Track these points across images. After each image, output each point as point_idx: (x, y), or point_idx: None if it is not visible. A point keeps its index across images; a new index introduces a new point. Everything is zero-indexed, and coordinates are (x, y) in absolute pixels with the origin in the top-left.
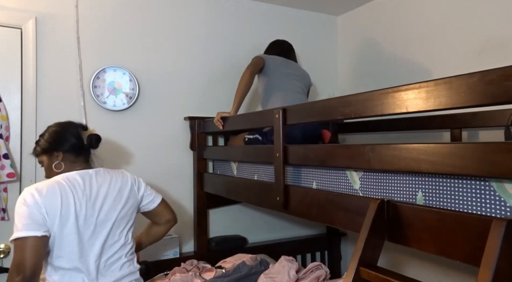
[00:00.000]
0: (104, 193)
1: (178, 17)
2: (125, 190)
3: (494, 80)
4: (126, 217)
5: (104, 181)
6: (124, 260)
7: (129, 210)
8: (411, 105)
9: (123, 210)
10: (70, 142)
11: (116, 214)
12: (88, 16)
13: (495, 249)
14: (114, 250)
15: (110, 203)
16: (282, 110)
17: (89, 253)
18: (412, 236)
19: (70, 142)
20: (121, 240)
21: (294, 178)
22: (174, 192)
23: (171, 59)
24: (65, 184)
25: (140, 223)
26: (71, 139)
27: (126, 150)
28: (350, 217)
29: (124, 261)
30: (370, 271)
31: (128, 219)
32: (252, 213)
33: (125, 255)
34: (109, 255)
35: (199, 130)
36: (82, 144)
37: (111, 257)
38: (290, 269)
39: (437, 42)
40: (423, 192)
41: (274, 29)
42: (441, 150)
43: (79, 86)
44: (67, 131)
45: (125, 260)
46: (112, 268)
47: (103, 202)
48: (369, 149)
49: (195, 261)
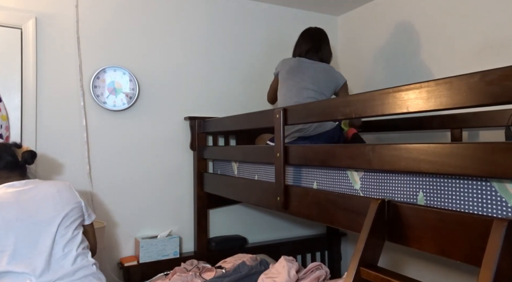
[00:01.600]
0: (36, 195)
1: (178, 17)
2: (66, 193)
3: (495, 80)
4: (71, 214)
5: (37, 186)
6: (74, 254)
7: (73, 210)
8: (412, 105)
9: (66, 207)
10: (4, 160)
11: (59, 211)
12: (88, 16)
13: (496, 249)
14: (62, 245)
15: (48, 203)
16: (283, 110)
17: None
18: (413, 236)
19: (4, 160)
20: (67, 235)
21: (294, 178)
22: (174, 192)
23: (171, 59)
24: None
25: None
26: (5, 157)
27: (126, 150)
28: (351, 217)
29: (74, 254)
30: (370, 271)
31: (73, 216)
32: (252, 213)
33: (76, 249)
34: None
35: (199, 130)
36: (17, 160)
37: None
38: (290, 269)
39: (437, 42)
40: (424, 192)
41: (274, 29)
42: (441, 150)
43: (79, 86)
44: (1, 150)
45: (76, 253)
46: (62, 263)
47: (38, 204)
48: (370, 149)
49: (195, 261)
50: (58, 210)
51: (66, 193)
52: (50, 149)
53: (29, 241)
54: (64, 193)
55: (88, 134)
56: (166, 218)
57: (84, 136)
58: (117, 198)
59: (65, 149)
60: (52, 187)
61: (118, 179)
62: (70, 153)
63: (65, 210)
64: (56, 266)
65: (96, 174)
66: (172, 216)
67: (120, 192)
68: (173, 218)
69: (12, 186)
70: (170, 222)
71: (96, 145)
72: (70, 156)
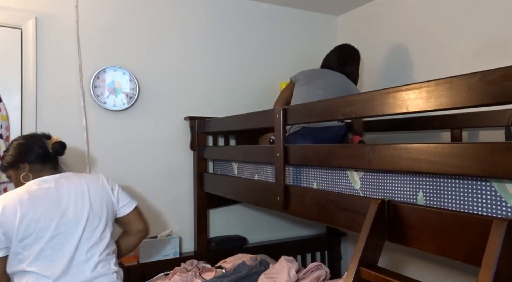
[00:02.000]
0: (68, 193)
1: (178, 17)
2: (95, 189)
3: (495, 80)
4: (98, 215)
5: (69, 182)
6: (96, 260)
7: (102, 208)
8: (412, 105)
9: (95, 208)
10: (35, 152)
11: (87, 212)
12: (88, 16)
13: (496, 249)
14: (86, 249)
15: (77, 203)
16: (283, 110)
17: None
18: (413, 236)
19: (35, 153)
20: (93, 238)
21: (294, 178)
22: (174, 192)
23: (171, 59)
24: (27, 192)
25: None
26: (36, 150)
27: (126, 150)
28: (351, 217)
29: (96, 260)
30: (370, 271)
31: (100, 217)
32: (252, 213)
33: (99, 255)
34: (80, 254)
35: (199, 130)
36: (47, 152)
37: (82, 256)
38: (290, 269)
39: (437, 42)
40: (423, 192)
41: (274, 29)
42: (441, 150)
43: (79, 86)
44: (31, 142)
45: (98, 260)
46: (83, 268)
47: (68, 203)
48: (370, 149)
49: (195, 261)
50: (85, 211)
51: (95, 189)
52: None
53: (56, 242)
54: (94, 190)
55: (88, 134)
56: (166, 218)
57: (84, 136)
58: None
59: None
60: (82, 183)
61: (118, 179)
62: (70, 153)
63: (93, 210)
64: (76, 270)
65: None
66: (172, 216)
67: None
68: (173, 218)
69: (45, 181)
70: (170, 222)
71: (96, 145)
72: (70, 156)
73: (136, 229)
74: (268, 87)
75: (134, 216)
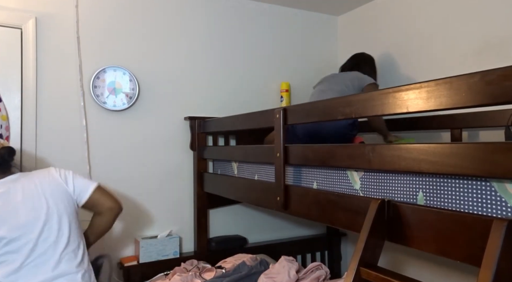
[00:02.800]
0: (17, 197)
1: (178, 17)
2: (46, 185)
3: (494, 80)
4: (54, 212)
5: (18, 185)
6: (56, 258)
7: (57, 204)
8: (412, 105)
9: (50, 205)
10: None
11: (42, 213)
12: (88, 16)
13: (496, 249)
14: (43, 250)
15: (28, 205)
16: (283, 110)
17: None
18: (413, 236)
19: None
20: (51, 237)
21: (294, 178)
22: (174, 192)
23: (171, 59)
24: None
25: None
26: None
27: (126, 150)
28: (351, 217)
29: (56, 259)
30: (370, 271)
31: (56, 214)
32: (252, 213)
33: (60, 253)
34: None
35: (199, 130)
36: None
37: (40, 258)
38: (290, 269)
39: (437, 42)
40: (423, 192)
41: (274, 29)
42: (441, 150)
43: (79, 86)
44: None
45: (58, 258)
46: (42, 268)
47: (19, 207)
48: (370, 149)
49: (195, 261)
50: (40, 211)
51: (46, 186)
52: (50, 149)
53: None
54: (45, 187)
55: (88, 134)
56: (166, 218)
57: (84, 136)
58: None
59: (65, 149)
60: (31, 183)
61: (118, 179)
62: (70, 153)
63: (48, 209)
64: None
65: (96, 174)
66: (172, 216)
67: (120, 192)
68: (173, 218)
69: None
70: (170, 222)
71: (96, 145)
72: (70, 156)
73: (105, 207)
74: (268, 87)
75: (98, 196)
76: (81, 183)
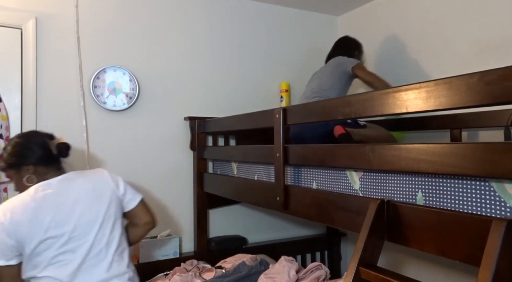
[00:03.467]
0: (75, 197)
1: (178, 17)
2: (101, 188)
3: (494, 80)
4: (107, 214)
5: (74, 184)
6: (109, 260)
7: (110, 206)
8: (411, 105)
9: (104, 207)
10: (37, 154)
11: (98, 214)
12: (88, 16)
13: (495, 249)
14: (97, 250)
15: (86, 205)
16: (283, 110)
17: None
18: (412, 236)
19: (37, 154)
20: (104, 239)
21: (294, 178)
22: (174, 192)
23: (171, 59)
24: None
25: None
26: (37, 151)
27: (126, 150)
28: (350, 217)
29: (109, 260)
30: (370, 271)
31: (110, 216)
32: (252, 213)
33: (112, 254)
34: (92, 256)
35: (199, 130)
36: (51, 154)
37: (94, 258)
38: (290, 269)
39: (437, 42)
40: (423, 192)
41: (274, 29)
42: (441, 150)
43: (79, 86)
44: (31, 142)
45: (111, 259)
46: (96, 269)
47: (77, 207)
48: (369, 149)
49: (195, 261)
50: (96, 212)
51: (101, 188)
52: None
53: (68, 247)
54: (100, 189)
55: (88, 134)
56: (166, 218)
57: (84, 136)
58: None
59: None
60: (87, 184)
61: None
62: (70, 153)
63: (102, 211)
64: (89, 272)
65: None
66: (172, 216)
67: None
68: (173, 218)
69: (49, 185)
70: (170, 222)
71: (96, 145)
72: (70, 156)
73: (143, 221)
74: (268, 87)
75: (141, 209)
76: (130, 192)
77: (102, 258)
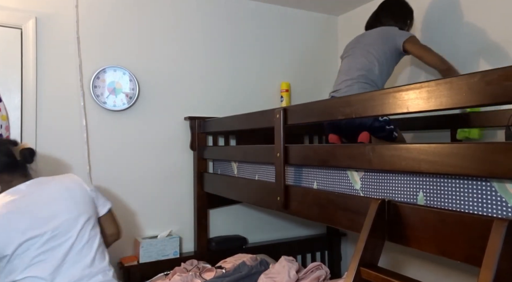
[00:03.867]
0: (49, 198)
1: (178, 17)
2: (74, 188)
3: (495, 80)
4: (87, 213)
5: (45, 187)
6: (92, 256)
7: (89, 206)
8: (412, 105)
9: (82, 206)
10: (1, 161)
11: (74, 210)
12: (88, 16)
13: (496, 249)
14: (80, 246)
15: (62, 202)
16: (283, 110)
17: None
18: (413, 236)
19: (1, 162)
20: (86, 236)
21: (294, 178)
22: (174, 192)
23: (171, 59)
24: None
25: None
26: (1, 158)
27: (126, 150)
28: (351, 217)
29: (92, 256)
30: (370, 271)
31: (89, 215)
32: (252, 213)
33: (95, 251)
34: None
35: (199, 130)
36: (15, 160)
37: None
38: (290, 269)
39: (437, 42)
40: (424, 192)
41: (274, 29)
42: (441, 150)
43: (79, 86)
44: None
45: (93, 256)
46: (79, 265)
47: (52, 208)
48: (370, 149)
49: (195, 261)
50: (73, 212)
51: (76, 189)
52: (50, 149)
53: (47, 247)
54: (75, 190)
55: (88, 134)
56: (166, 218)
57: (84, 136)
58: (117, 198)
59: (65, 149)
60: (61, 185)
61: (118, 179)
62: (70, 153)
63: (81, 209)
64: (71, 269)
65: (96, 174)
66: (172, 216)
67: (120, 192)
68: (173, 218)
69: (18, 191)
70: (170, 222)
71: (96, 145)
72: (70, 156)
73: (109, 232)
74: (268, 87)
75: (108, 219)
76: (101, 197)
77: (85, 255)
